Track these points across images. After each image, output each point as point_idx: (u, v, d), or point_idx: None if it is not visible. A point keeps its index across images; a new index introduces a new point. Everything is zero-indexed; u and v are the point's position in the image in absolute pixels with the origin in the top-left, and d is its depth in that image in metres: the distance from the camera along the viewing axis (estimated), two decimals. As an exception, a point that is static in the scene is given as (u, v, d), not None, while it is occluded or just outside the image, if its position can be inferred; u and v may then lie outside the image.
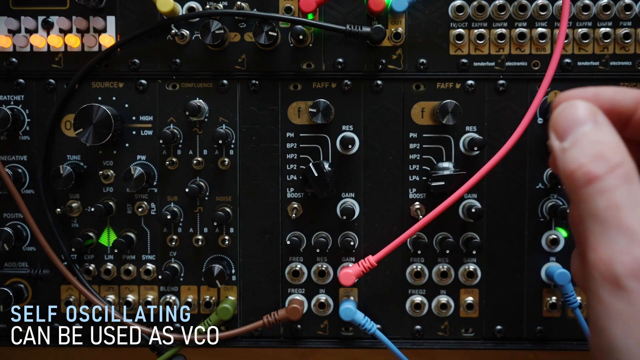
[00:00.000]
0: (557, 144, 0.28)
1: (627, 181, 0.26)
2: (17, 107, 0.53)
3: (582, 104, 0.28)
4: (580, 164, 0.26)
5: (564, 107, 0.29)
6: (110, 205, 0.53)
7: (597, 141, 0.27)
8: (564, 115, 0.28)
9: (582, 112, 0.28)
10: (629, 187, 0.25)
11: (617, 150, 0.27)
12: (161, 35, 0.52)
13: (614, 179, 0.26)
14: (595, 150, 0.26)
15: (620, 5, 0.51)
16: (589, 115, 0.28)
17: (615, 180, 0.26)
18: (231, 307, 0.52)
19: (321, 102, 0.51)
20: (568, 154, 0.27)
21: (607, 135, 0.27)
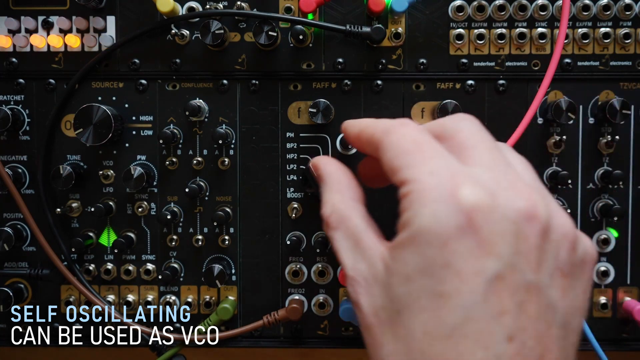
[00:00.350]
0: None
1: (336, 228, 0.34)
2: (17, 107, 0.53)
3: (311, 165, 0.42)
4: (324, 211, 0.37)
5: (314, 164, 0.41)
6: (110, 205, 0.53)
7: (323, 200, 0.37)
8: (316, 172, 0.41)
9: (314, 174, 0.41)
10: (339, 232, 0.34)
11: (326, 203, 0.36)
12: (161, 35, 0.52)
13: (330, 231, 0.35)
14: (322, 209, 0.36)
15: (620, 5, 0.51)
16: (317, 177, 0.40)
17: (330, 232, 0.35)
18: (231, 307, 0.53)
19: (321, 102, 0.51)
20: None
21: (327, 193, 0.38)
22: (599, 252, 0.53)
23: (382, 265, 0.30)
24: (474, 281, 0.26)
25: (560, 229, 0.29)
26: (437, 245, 0.27)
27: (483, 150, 0.31)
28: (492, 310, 0.26)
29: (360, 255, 0.32)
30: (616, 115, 0.50)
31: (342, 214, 0.35)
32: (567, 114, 0.50)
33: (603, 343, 0.50)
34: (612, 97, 0.51)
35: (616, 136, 0.52)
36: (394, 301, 0.28)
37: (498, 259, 0.26)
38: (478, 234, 0.27)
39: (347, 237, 0.34)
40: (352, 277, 0.32)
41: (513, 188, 0.28)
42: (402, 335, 0.28)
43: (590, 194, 0.53)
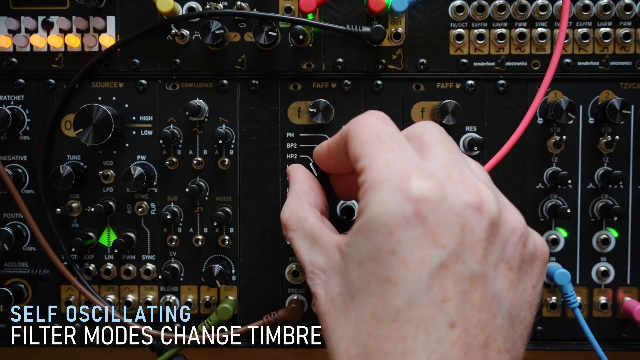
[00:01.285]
0: None
1: (293, 230, 0.37)
2: (17, 107, 0.53)
3: (287, 171, 0.46)
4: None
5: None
6: (110, 205, 0.53)
7: (287, 205, 0.40)
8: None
9: (288, 180, 0.44)
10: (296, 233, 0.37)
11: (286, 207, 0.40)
12: (161, 35, 0.52)
13: (289, 233, 0.38)
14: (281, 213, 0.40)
15: (620, 5, 0.51)
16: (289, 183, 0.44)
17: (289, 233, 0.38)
18: (231, 307, 0.53)
19: (321, 102, 0.51)
20: None
21: (289, 198, 0.41)
22: (599, 252, 0.53)
23: (338, 253, 0.32)
24: (418, 269, 0.27)
25: (509, 224, 0.31)
26: (385, 233, 0.28)
27: (442, 149, 0.32)
28: (435, 297, 0.27)
29: (317, 249, 0.34)
30: (616, 115, 0.50)
31: (299, 216, 0.38)
32: (567, 114, 0.50)
33: (603, 343, 0.50)
34: (612, 97, 0.51)
35: (616, 136, 0.52)
36: (348, 286, 0.30)
37: (442, 249, 0.28)
38: (424, 224, 0.28)
39: (304, 237, 0.36)
40: (310, 271, 0.34)
41: (464, 183, 0.30)
42: (352, 318, 0.29)
43: (590, 194, 0.53)
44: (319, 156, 0.43)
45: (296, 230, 0.37)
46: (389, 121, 0.34)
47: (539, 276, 0.32)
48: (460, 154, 0.33)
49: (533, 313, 0.32)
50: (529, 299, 0.31)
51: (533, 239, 0.33)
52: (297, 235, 0.37)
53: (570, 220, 0.53)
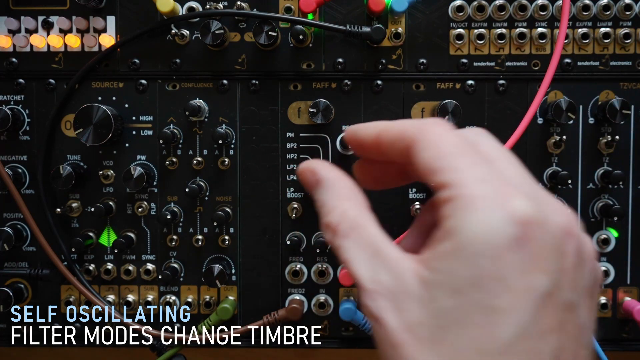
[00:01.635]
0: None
1: (347, 236, 0.31)
2: (17, 107, 0.53)
3: (306, 170, 0.34)
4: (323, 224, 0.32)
5: (300, 170, 0.35)
6: (110, 205, 0.53)
7: (321, 206, 0.33)
8: (303, 177, 0.35)
9: (308, 177, 0.34)
10: (351, 241, 0.31)
11: (334, 210, 0.32)
12: (161, 35, 0.52)
13: (338, 239, 0.31)
14: (323, 217, 0.32)
15: (620, 5, 0.51)
16: (313, 179, 0.34)
17: (339, 240, 0.31)
18: (231, 307, 0.53)
19: (321, 102, 0.51)
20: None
21: (326, 197, 0.33)
22: (599, 252, 0.53)
23: (416, 279, 0.28)
24: (526, 297, 0.25)
25: (588, 247, 0.29)
26: (490, 256, 0.25)
27: (509, 163, 0.30)
28: (541, 328, 0.25)
29: (381, 266, 0.29)
30: (616, 115, 0.50)
31: (355, 222, 0.32)
32: (567, 114, 0.50)
33: (603, 343, 0.50)
34: (612, 97, 0.51)
35: (616, 136, 0.52)
36: (436, 316, 0.26)
37: (547, 275, 0.26)
38: (530, 248, 0.25)
39: (362, 247, 0.31)
40: (373, 290, 0.29)
41: (551, 204, 0.28)
42: (445, 352, 0.26)
43: (590, 194, 0.53)
44: (359, 139, 0.36)
45: (349, 238, 0.31)
46: (455, 131, 0.31)
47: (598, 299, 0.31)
48: (521, 166, 0.31)
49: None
50: (593, 324, 0.29)
51: (596, 260, 0.30)
52: (350, 245, 0.31)
53: (570, 220, 0.53)
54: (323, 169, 0.36)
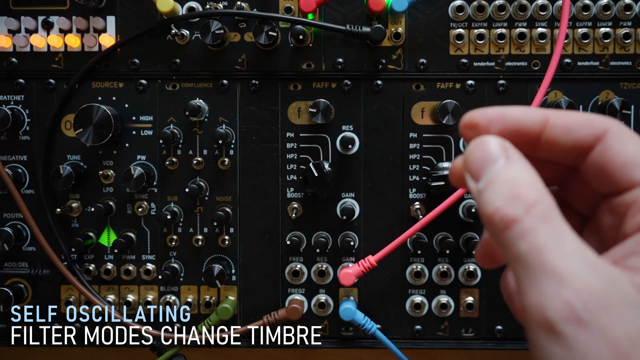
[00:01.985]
0: (473, 185, 0.26)
1: (545, 219, 0.24)
2: (17, 107, 0.53)
3: (492, 139, 0.27)
4: (496, 207, 0.25)
5: (474, 146, 0.27)
6: (110, 205, 0.53)
7: (511, 180, 0.25)
8: (474, 154, 0.27)
9: (492, 148, 0.27)
10: (549, 226, 0.24)
11: (533, 187, 0.25)
12: (161, 35, 0.52)
13: (532, 219, 0.24)
14: (509, 190, 0.25)
15: (620, 5, 0.51)
16: (500, 150, 0.27)
17: (534, 220, 0.24)
18: (231, 307, 0.52)
19: (321, 102, 0.51)
20: (483, 196, 0.26)
21: (521, 171, 0.26)
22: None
23: (631, 285, 0.24)
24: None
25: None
26: None
27: None
28: None
29: (587, 266, 0.24)
30: (616, 115, 0.50)
31: (554, 208, 0.25)
32: (567, 114, 0.50)
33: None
34: (612, 97, 0.51)
35: (616, 136, 0.52)
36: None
37: None
38: None
39: (561, 238, 0.25)
40: (582, 290, 0.24)
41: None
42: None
43: (590, 194, 0.53)
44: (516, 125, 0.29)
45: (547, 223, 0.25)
46: None
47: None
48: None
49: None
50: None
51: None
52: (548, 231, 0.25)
53: (570, 220, 0.53)
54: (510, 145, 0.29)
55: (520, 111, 0.29)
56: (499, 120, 0.29)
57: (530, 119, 0.29)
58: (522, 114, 0.29)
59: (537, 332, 0.24)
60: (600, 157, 0.27)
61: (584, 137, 0.27)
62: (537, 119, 0.28)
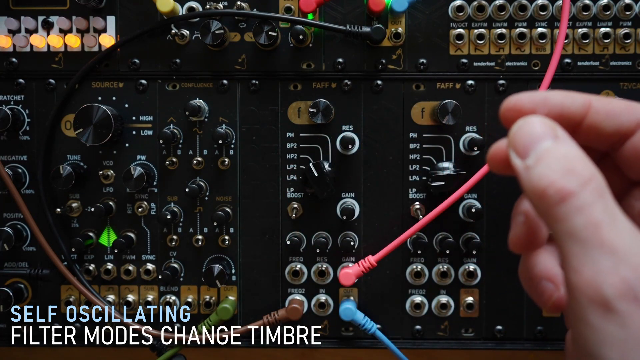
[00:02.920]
0: (519, 162, 0.26)
1: (601, 196, 0.24)
2: (17, 107, 0.53)
3: (538, 119, 0.27)
4: (550, 181, 0.24)
5: (521, 124, 0.27)
6: (110, 205, 0.53)
7: (564, 156, 0.25)
8: (522, 132, 0.27)
9: (540, 127, 0.27)
10: (605, 202, 0.24)
11: (586, 163, 0.25)
12: (161, 35, 0.52)
13: (589, 194, 0.24)
14: (564, 165, 0.25)
15: (620, 5, 0.51)
16: (549, 130, 0.27)
17: (591, 195, 0.24)
18: (231, 307, 0.53)
19: (321, 102, 0.51)
20: (534, 171, 0.25)
21: (572, 149, 0.26)
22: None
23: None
24: None
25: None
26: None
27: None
28: None
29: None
30: (616, 115, 0.50)
31: (605, 188, 0.25)
32: (567, 114, 0.50)
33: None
34: (612, 97, 0.51)
35: (616, 136, 0.52)
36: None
37: None
38: None
39: (614, 215, 0.24)
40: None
41: None
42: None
43: (590, 194, 0.53)
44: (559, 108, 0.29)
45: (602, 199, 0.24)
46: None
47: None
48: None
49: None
50: None
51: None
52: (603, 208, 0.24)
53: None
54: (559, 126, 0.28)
55: (563, 95, 0.29)
56: (543, 104, 0.28)
57: (574, 103, 0.28)
58: (565, 98, 0.28)
59: (590, 310, 0.23)
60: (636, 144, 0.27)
61: (626, 123, 0.27)
62: (580, 104, 0.28)
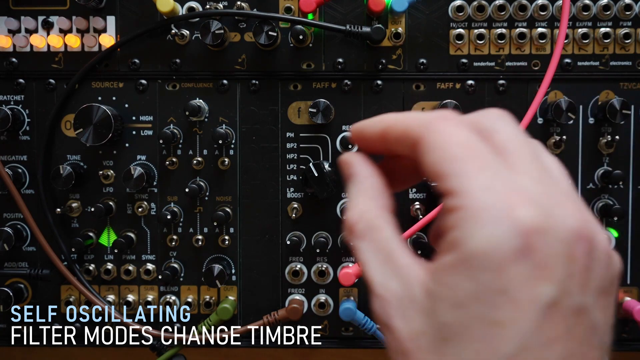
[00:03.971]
0: None
1: (363, 237, 0.29)
2: (17, 107, 0.53)
3: (341, 160, 0.33)
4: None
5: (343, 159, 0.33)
6: (110, 205, 0.53)
7: (348, 202, 0.31)
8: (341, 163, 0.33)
9: (344, 170, 0.33)
10: (366, 243, 0.29)
11: (355, 208, 0.30)
12: (161, 35, 0.52)
13: (355, 240, 0.30)
14: (346, 212, 0.31)
15: (620, 5, 0.51)
16: (347, 175, 0.32)
17: (355, 241, 0.30)
18: (231, 307, 0.53)
19: (321, 102, 0.51)
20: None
21: (352, 192, 0.31)
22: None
23: (421, 289, 0.28)
24: (529, 308, 0.25)
25: (602, 245, 0.28)
26: (493, 270, 0.25)
27: (526, 157, 0.29)
28: (546, 338, 0.25)
29: (391, 272, 0.29)
30: (616, 115, 0.50)
31: (372, 224, 0.30)
32: (567, 114, 0.50)
33: (603, 343, 0.50)
34: (612, 97, 0.51)
35: (616, 136, 0.52)
36: (440, 329, 0.26)
37: (552, 284, 0.25)
38: (534, 257, 0.25)
39: (376, 250, 0.30)
40: (382, 296, 0.28)
41: (563, 205, 0.27)
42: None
43: (590, 194, 0.53)
44: (365, 135, 0.35)
45: (365, 240, 0.31)
46: (465, 123, 0.29)
47: (617, 295, 0.29)
48: (540, 159, 0.29)
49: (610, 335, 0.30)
50: (611, 322, 0.28)
51: (614, 255, 0.29)
52: (366, 247, 0.31)
53: (570, 220, 0.53)
54: (357, 163, 0.34)
55: (368, 125, 0.33)
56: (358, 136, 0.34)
57: (371, 132, 0.33)
58: (364, 127, 0.33)
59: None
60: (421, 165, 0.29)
61: (409, 146, 0.30)
62: (376, 133, 0.33)
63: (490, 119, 0.30)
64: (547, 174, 0.28)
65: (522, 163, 0.28)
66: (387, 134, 0.32)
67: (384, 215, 0.31)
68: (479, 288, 0.25)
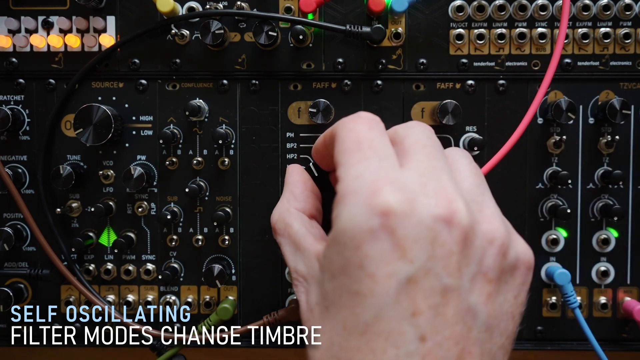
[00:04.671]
0: None
1: (281, 234, 0.38)
2: (17, 107, 0.53)
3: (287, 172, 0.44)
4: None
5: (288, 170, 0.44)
6: (110, 205, 0.53)
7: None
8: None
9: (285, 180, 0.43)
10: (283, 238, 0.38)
11: (275, 210, 0.40)
12: (161, 35, 0.52)
13: (276, 236, 0.39)
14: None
15: (620, 5, 0.51)
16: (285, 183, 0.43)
17: (276, 237, 0.39)
18: (231, 307, 0.53)
19: (321, 102, 0.51)
20: None
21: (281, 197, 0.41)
22: (599, 252, 0.53)
23: (317, 263, 0.33)
24: (386, 283, 0.27)
25: (486, 235, 0.30)
26: (352, 247, 0.28)
27: (422, 156, 0.32)
28: (404, 311, 0.27)
29: (300, 257, 0.35)
30: (616, 115, 0.50)
31: (285, 221, 0.38)
32: (567, 114, 0.50)
33: (603, 343, 0.50)
34: (612, 97, 0.51)
35: (616, 136, 0.52)
36: (324, 297, 0.31)
37: (411, 263, 0.27)
38: (392, 238, 0.28)
39: (290, 242, 0.36)
40: (294, 278, 0.35)
41: (437, 194, 0.29)
42: (327, 329, 0.30)
43: (590, 194, 0.53)
44: (317, 152, 0.42)
45: (283, 235, 0.38)
46: (376, 124, 0.33)
47: (521, 285, 0.32)
48: (442, 160, 0.32)
49: (516, 323, 0.32)
50: (510, 309, 0.31)
51: (515, 248, 0.32)
52: (283, 241, 0.38)
53: (570, 220, 0.53)
54: (290, 173, 0.42)
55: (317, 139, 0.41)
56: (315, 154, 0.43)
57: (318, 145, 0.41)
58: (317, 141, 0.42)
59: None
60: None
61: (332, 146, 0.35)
62: (321, 144, 0.40)
63: (407, 127, 0.34)
64: (439, 173, 0.31)
65: (415, 160, 0.31)
66: (326, 142, 0.38)
67: (295, 214, 0.38)
68: (343, 261, 0.29)
